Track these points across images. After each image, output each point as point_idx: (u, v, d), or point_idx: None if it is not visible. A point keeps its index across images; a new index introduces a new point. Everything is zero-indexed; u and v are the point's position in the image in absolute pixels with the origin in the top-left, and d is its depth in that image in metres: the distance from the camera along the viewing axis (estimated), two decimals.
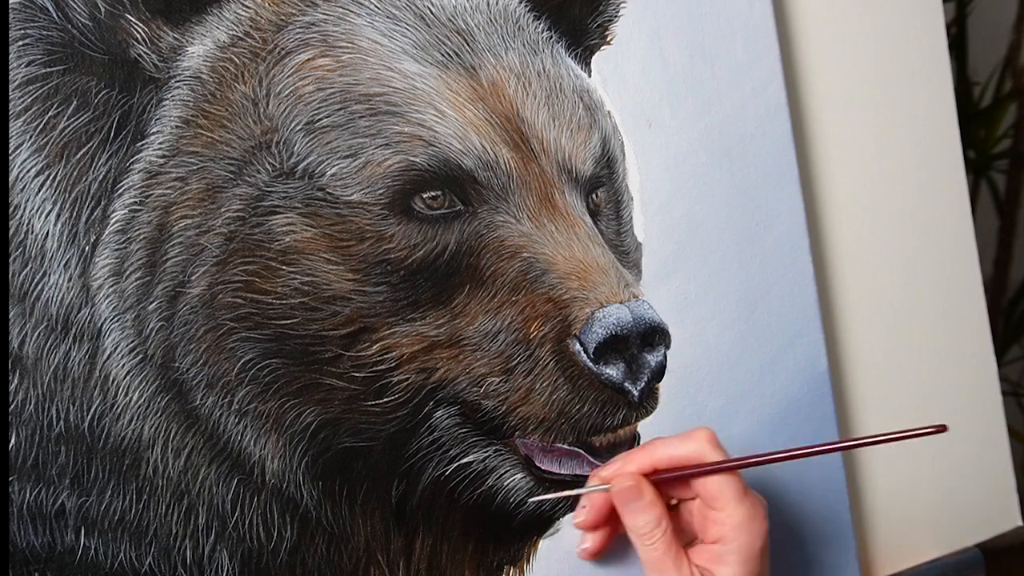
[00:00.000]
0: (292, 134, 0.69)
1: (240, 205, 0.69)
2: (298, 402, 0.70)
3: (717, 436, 0.74)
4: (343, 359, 0.70)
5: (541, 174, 0.74)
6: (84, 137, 0.67)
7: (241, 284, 0.69)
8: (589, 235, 0.74)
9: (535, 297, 0.72)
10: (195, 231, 0.68)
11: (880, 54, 1.02)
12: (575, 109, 0.78)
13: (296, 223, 0.69)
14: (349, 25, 0.72)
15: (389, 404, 0.71)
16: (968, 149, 2.14)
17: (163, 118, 0.68)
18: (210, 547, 0.70)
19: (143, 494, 0.68)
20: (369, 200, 0.70)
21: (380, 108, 0.70)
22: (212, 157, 0.68)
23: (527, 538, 0.78)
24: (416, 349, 0.71)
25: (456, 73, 0.73)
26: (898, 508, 1.02)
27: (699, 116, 0.86)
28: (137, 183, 0.68)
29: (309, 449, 0.71)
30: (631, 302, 0.72)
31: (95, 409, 0.67)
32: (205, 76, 0.69)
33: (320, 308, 0.69)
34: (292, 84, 0.70)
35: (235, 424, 0.70)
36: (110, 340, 0.67)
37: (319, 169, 0.69)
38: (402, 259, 0.70)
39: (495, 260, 0.72)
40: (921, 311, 1.04)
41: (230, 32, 0.70)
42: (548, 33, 0.80)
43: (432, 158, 0.71)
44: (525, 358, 0.71)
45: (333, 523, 0.73)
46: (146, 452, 0.68)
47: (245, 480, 0.70)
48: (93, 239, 0.67)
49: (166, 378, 0.68)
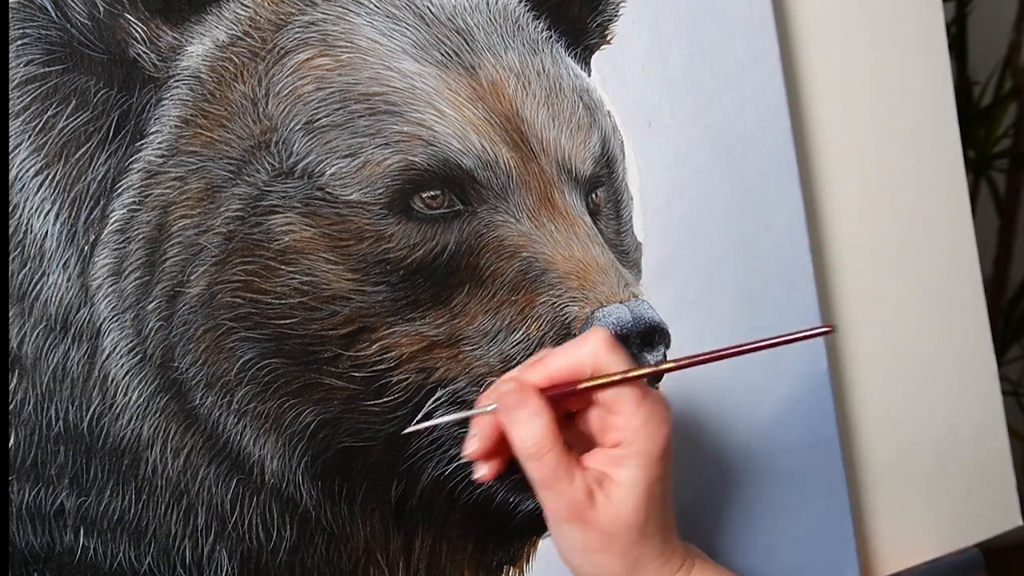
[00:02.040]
0: (291, 133, 0.69)
1: (239, 205, 0.68)
2: (297, 402, 0.70)
3: (612, 336, 0.68)
4: (342, 359, 0.70)
5: (541, 173, 0.74)
6: (83, 137, 0.66)
7: (240, 284, 0.68)
8: (589, 235, 0.74)
9: (535, 297, 0.71)
10: (194, 231, 0.68)
11: (880, 53, 1.02)
12: (575, 108, 0.78)
13: (295, 223, 0.69)
14: (348, 24, 0.71)
15: (389, 404, 0.71)
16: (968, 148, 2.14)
17: (162, 118, 0.68)
18: (209, 547, 0.70)
19: (142, 494, 0.68)
20: (368, 200, 0.70)
21: (379, 107, 0.70)
22: (211, 156, 0.68)
23: (527, 538, 0.78)
24: (415, 349, 0.71)
25: (456, 72, 0.73)
26: (898, 507, 1.02)
27: (699, 116, 0.86)
28: (136, 183, 0.67)
29: (308, 449, 0.71)
30: (631, 302, 0.71)
31: (94, 409, 0.67)
32: (204, 75, 0.69)
33: (319, 308, 0.69)
34: (291, 83, 0.70)
35: (234, 424, 0.69)
36: (109, 340, 0.67)
37: (318, 169, 0.69)
38: (401, 259, 0.70)
39: (495, 260, 0.72)
40: (921, 311, 1.04)
41: (229, 31, 0.70)
42: (548, 32, 0.80)
43: (432, 158, 0.70)
44: (525, 358, 0.71)
45: (332, 523, 0.72)
46: (145, 452, 0.68)
47: (244, 480, 0.70)
48: (92, 239, 0.67)
49: (165, 378, 0.68)
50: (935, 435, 1.06)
